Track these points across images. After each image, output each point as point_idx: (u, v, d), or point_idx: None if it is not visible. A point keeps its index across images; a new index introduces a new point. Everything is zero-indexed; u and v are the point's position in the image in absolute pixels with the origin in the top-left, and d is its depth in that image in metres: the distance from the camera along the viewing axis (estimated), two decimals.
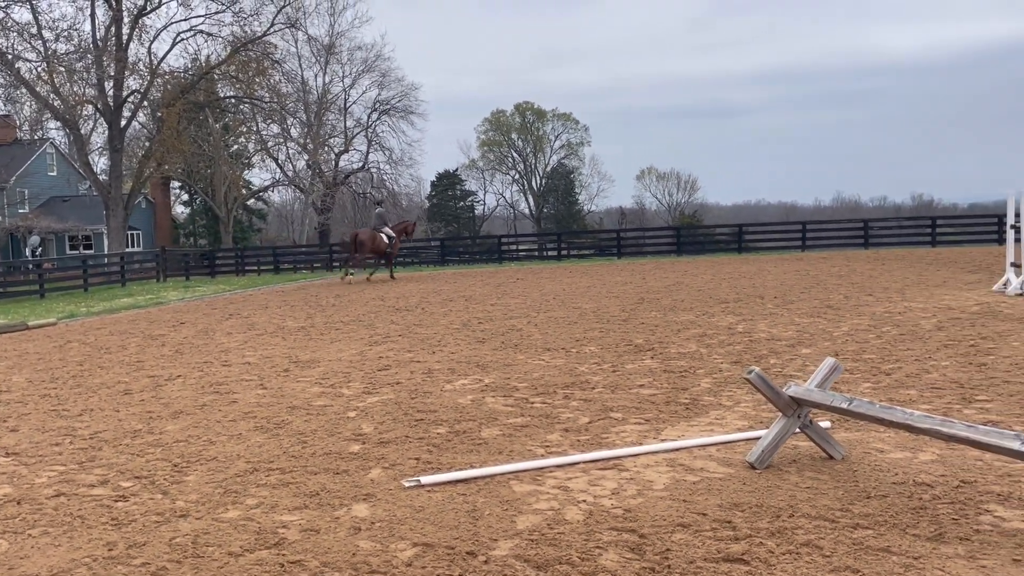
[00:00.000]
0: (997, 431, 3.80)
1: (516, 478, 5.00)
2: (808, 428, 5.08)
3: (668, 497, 4.57)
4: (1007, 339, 9.07)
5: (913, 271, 18.86)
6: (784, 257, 27.55)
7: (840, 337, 9.69)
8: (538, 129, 79.89)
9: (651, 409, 6.61)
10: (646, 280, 19.47)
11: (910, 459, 5.08)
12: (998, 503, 4.28)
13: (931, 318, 10.89)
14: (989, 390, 6.76)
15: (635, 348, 9.52)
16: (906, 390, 6.92)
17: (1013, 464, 4.81)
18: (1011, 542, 3.79)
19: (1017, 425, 5.67)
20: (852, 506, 4.33)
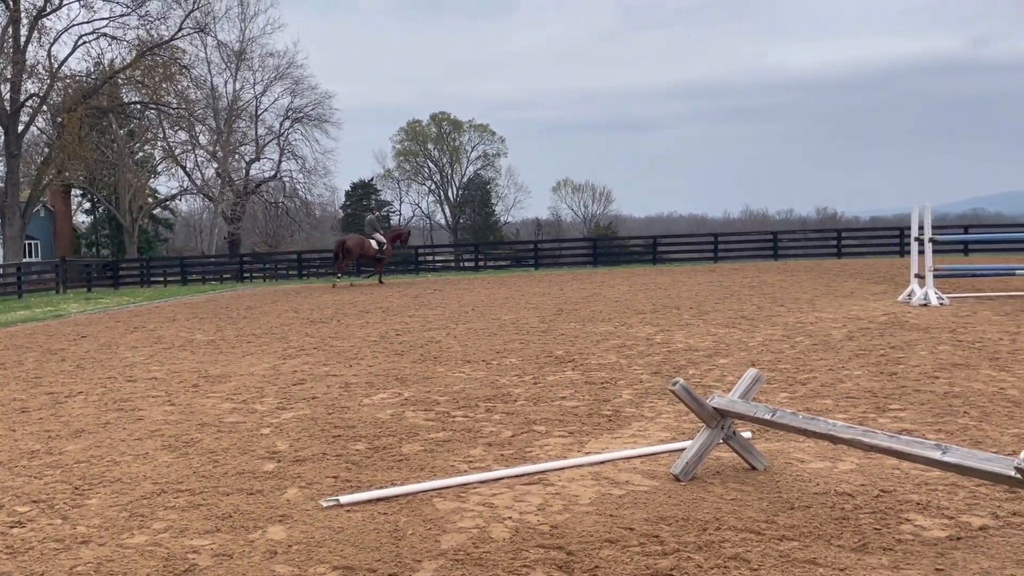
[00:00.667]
0: (919, 441, 3.84)
1: (439, 495, 4.87)
2: (731, 439, 5.09)
3: (595, 512, 4.50)
4: (915, 348, 9.34)
5: (822, 282, 19.38)
6: (697, 268, 28.05)
7: (755, 347, 9.83)
8: (455, 139, 79.83)
9: (574, 421, 6.55)
10: (564, 291, 19.53)
11: (830, 469, 5.12)
12: (917, 512, 4.33)
13: (842, 328, 11.16)
14: (901, 399, 6.91)
15: (556, 359, 9.48)
16: (822, 399, 7.02)
17: (928, 473, 4.89)
18: (932, 551, 3.83)
19: (930, 433, 5.80)
20: (777, 517, 4.33)
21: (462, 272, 34.19)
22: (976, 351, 9.03)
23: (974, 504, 4.40)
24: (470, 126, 79.91)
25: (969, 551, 3.81)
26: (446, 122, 79.84)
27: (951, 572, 3.60)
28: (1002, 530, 4.03)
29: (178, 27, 37.70)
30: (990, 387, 7.20)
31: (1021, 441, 5.52)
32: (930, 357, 8.77)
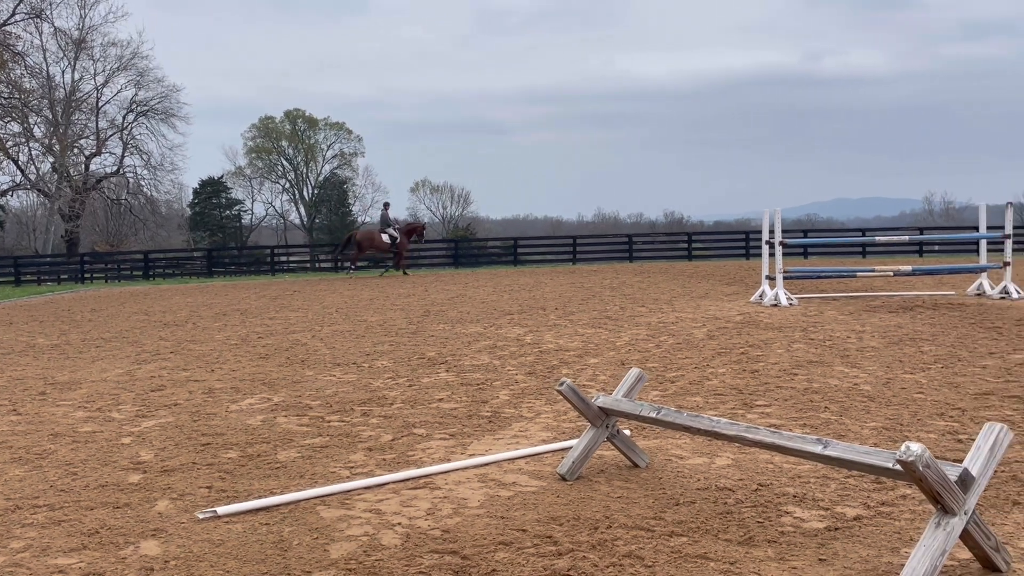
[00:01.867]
0: (800, 436, 3.99)
1: (323, 503, 4.70)
2: (615, 438, 5.15)
3: (485, 514, 4.45)
4: (771, 347, 9.77)
5: (677, 283, 20.06)
6: (557, 270, 28.50)
7: (623, 347, 10.05)
8: (310, 138, 78.14)
9: (454, 424, 6.49)
10: (428, 292, 19.42)
11: (708, 464, 5.27)
12: (795, 504, 4.51)
13: (702, 327, 11.56)
14: (766, 395, 7.21)
15: (429, 361, 9.38)
16: (692, 397, 7.24)
17: (800, 466, 5.11)
18: (813, 542, 3.98)
19: (797, 428, 6.06)
20: (664, 514, 4.40)
21: (320, 273, 33.46)
22: (828, 349, 9.54)
23: (846, 495, 4.61)
24: (326, 124, 78.44)
25: (847, 540, 3.98)
26: (301, 119, 78.06)
27: (833, 561, 3.75)
28: (875, 519, 4.24)
29: (11, 12, 35.23)
30: (845, 383, 7.61)
31: (879, 434, 5.85)
32: (787, 355, 9.20)
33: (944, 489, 3.30)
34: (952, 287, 16.98)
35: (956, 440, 5.60)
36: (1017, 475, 4.81)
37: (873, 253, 31.90)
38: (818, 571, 3.65)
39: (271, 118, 77.86)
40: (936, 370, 8.09)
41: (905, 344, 9.74)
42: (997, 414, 6.27)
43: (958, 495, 3.34)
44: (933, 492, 3.31)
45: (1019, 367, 8.12)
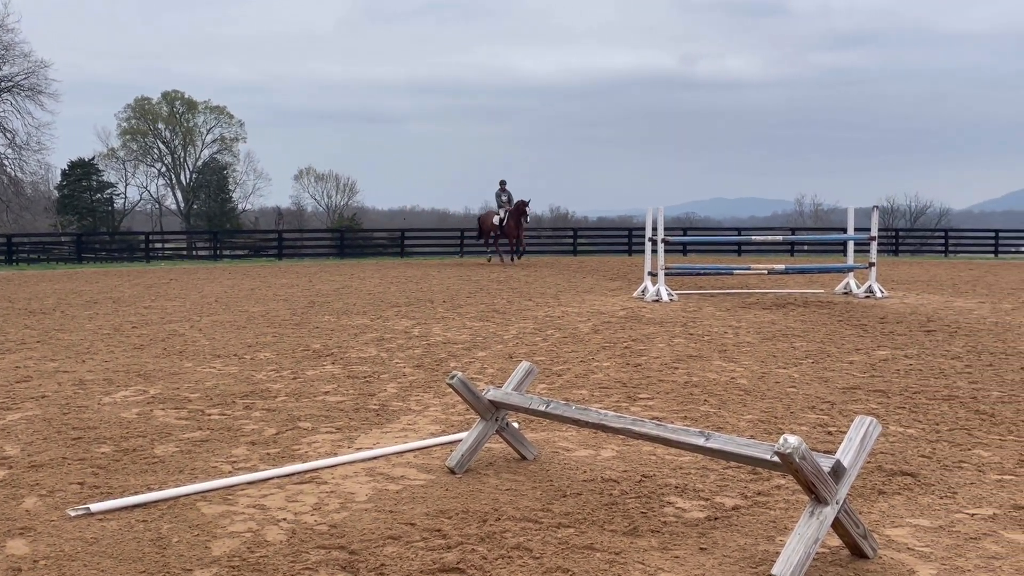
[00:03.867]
0: (684, 428, 4.10)
1: (204, 499, 4.55)
2: (505, 431, 5.18)
3: (373, 509, 4.41)
4: (654, 341, 10.02)
5: (562, 278, 20.33)
6: (445, 262, 28.46)
7: (511, 340, 10.12)
8: (188, 121, 75.44)
9: (341, 417, 6.40)
10: (313, 283, 19.07)
11: (594, 456, 5.36)
12: (677, 495, 4.64)
13: (587, 322, 11.76)
14: (648, 388, 7.39)
15: (314, 353, 9.22)
16: (578, 390, 7.35)
17: (681, 457, 5.26)
18: (695, 531, 4.11)
19: (678, 420, 6.23)
20: (552, 506, 4.46)
21: (198, 261, 32.39)
22: (706, 343, 9.85)
23: (724, 486, 4.77)
24: (206, 107, 75.90)
25: (726, 530, 4.12)
26: (179, 101, 75.29)
27: (713, 550, 3.88)
28: (752, 509, 4.41)
29: None
30: (723, 376, 7.87)
31: (755, 426, 6.08)
32: (668, 349, 9.45)
33: (818, 480, 3.46)
34: (822, 286, 17.81)
35: (826, 432, 5.88)
36: (883, 466, 5.08)
37: (748, 252, 33.11)
38: (699, 560, 3.77)
39: (147, 99, 74.85)
40: (807, 365, 8.47)
41: (779, 340, 10.16)
42: (863, 407, 6.61)
43: (831, 485, 3.50)
44: (808, 483, 3.46)
45: (883, 363, 8.58)
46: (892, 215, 62.22)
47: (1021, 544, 3.88)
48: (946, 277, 21.26)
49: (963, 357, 8.89)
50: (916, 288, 17.73)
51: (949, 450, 5.43)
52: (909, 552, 3.81)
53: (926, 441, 5.65)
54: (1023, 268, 26.07)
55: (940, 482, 4.79)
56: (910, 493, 4.62)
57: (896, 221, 60.94)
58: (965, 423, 6.12)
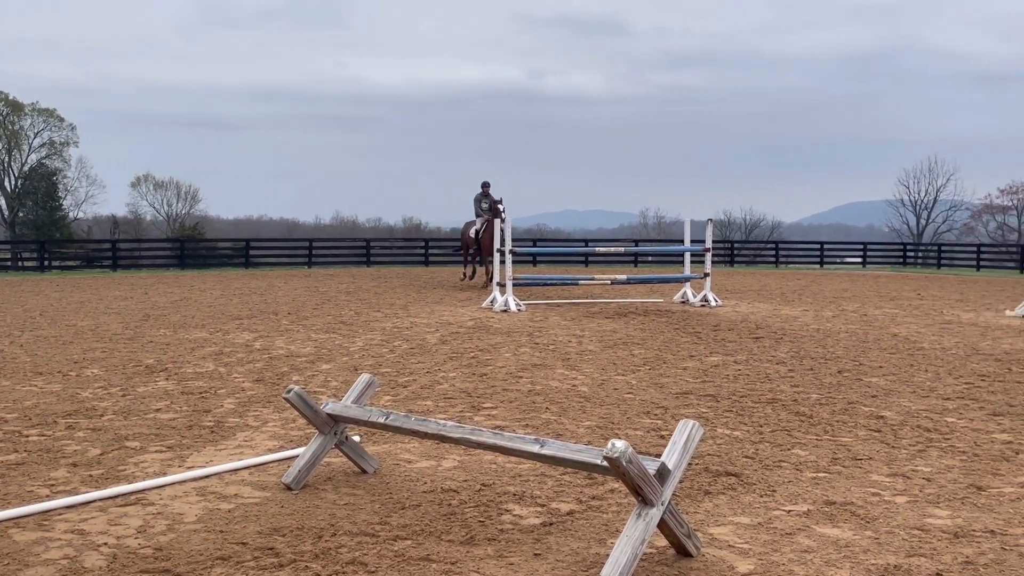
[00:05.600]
0: (520, 437, 4.17)
1: (17, 525, 4.26)
2: (344, 444, 5.11)
3: (203, 529, 4.25)
4: (500, 351, 10.13)
5: (413, 288, 20.26)
6: (292, 273, 27.81)
7: (357, 352, 9.99)
8: (14, 123, 70.67)
9: (172, 435, 6.13)
10: (149, 295, 18.23)
11: (435, 467, 5.37)
12: (515, 502, 4.70)
13: (435, 332, 11.76)
14: (492, 398, 7.46)
15: (146, 369, 8.81)
16: (423, 401, 7.34)
17: (521, 465, 5.33)
18: (530, 538, 4.17)
19: (520, 428, 6.32)
20: (390, 518, 4.43)
21: (23, 273, 30.35)
22: (551, 352, 10.04)
23: (561, 491, 4.87)
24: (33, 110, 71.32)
25: (560, 535, 4.21)
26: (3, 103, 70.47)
27: (547, 555, 3.95)
28: (586, 513, 4.52)
29: None
30: (564, 384, 8.04)
31: (593, 432, 6.24)
32: (514, 358, 9.58)
33: (644, 482, 3.59)
34: (661, 295, 18.49)
35: (660, 436, 6.10)
36: (709, 467, 5.32)
37: (595, 262, 33.98)
38: (532, 566, 3.83)
39: None
40: (645, 372, 8.77)
41: (619, 348, 10.47)
42: (694, 411, 6.90)
43: (657, 487, 3.64)
44: (635, 485, 3.59)
45: (714, 368, 8.99)
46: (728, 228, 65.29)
47: (831, 537, 4.15)
48: (776, 287, 22.50)
49: (787, 362, 9.43)
50: (748, 297, 18.67)
51: (771, 450, 5.74)
52: (730, 549, 4.00)
53: (750, 442, 5.95)
54: (845, 278, 27.93)
55: (761, 481, 5.06)
56: (733, 492, 4.85)
57: (732, 233, 63.99)
58: (786, 424, 6.49)
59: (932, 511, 4.52)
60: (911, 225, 64.25)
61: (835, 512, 4.50)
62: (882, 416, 6.77)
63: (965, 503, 4.66)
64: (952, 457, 5.58)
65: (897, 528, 4.26)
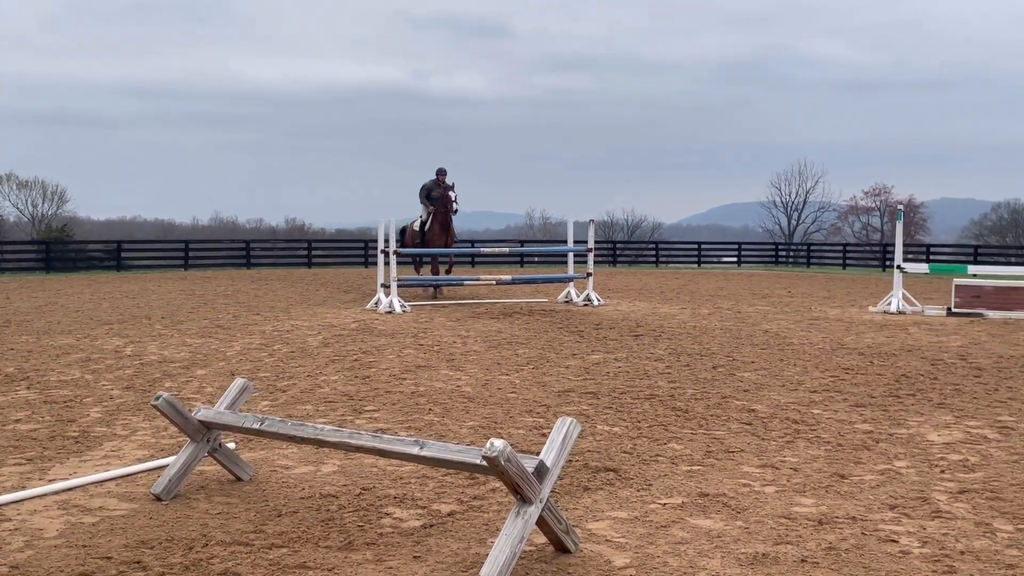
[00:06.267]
0: (400, 439, 4.13)
1: None
2: (217, 452, 4.95)
3: (64, 544, 4.04)
4: (384, 353, 10.03)
5: (295, 291, 19.86)
6: (167, 276, 26.84)
7: (234, 357, 9.71)
8: None
9: (33, 447, 5.81)
10: (11, 300, 17.26)
11: (314, 472, 5.26)
12: (395, 505, 4.65)
13: (317, 335, 11.55)
14: (375, 400, 7.37)
15: (6, 378, 8.32)
16: (303, 405, 7.19)
17: (403, 467, 5.29)
18: (410, 540, 4.14)
19: (402, 431, 6.27)
20: (265, 526, 4.31)
21: None
22: (435, 353, 10.01)
23: (442, 493, 4.85)
24: None
25: (441, 536, 4.19)
26: None
27: (426, 557, 3.93)
28: (467, 514, 4.51)
29: None
30: (448, 385, 8.03)
31: (476, 432, 6.25)
32: (397, 360, 9.50)
33: (523, 480, 3.60)
34: (546, 295, 18.68)
35: (541, 435, 6.15)
36: (589, 463, 5.40)
37: (481, 263, 34.08)
38: (412, 568, 3.80)
39: None
40: (528, 371, 8.84)
41: (503, 348, 10.53)
42: (575, 409, 6.99)
43: (535, 485, 3.66)
44: (513, 484, 3.60)
45: (595, 366, 9.14)
46: (611, 228, 66.56)
47: (704, 528, 4.27)
48: (655, 286, 23.07)
49: (665, 359, 9.68)
50: (629, 296, 19.08)
51: (648, 445, 5.87)
52: (607, 544, 4.07)
53: (628, 438, 6.07)
54: (721, 277, 28.88)
55: (638, 476, 5.16)
56: (612, 488, 4.94)
57: (615, 234, 65.25)
58: (663, 419, 6.65)
59: (798, 500, 4.71)
60: (783, 226, 66.98)
61: (708, 504, 4.63)
62: (753, 409, 7.02)
63: (829, 491, 4.87)
64: (818, 447, 5.84)
65: (766, 517, 4.41)
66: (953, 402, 7.36)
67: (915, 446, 5.88)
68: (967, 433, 6.26)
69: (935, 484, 5.00)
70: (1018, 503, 4.63)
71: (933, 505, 4.61)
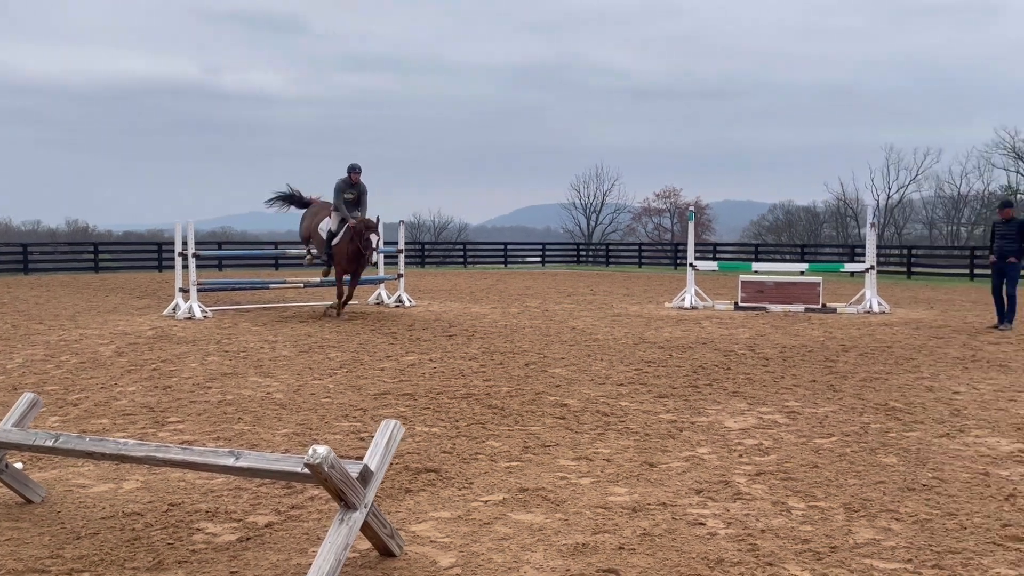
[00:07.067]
0: (212, 450, 3.93)
1: None
2: (4, 473, 4.53)
3: None
4: (185, 361, 9.54)
5: (82, 297, 18.53)
6: None
7: (15, 370, 8.93)
8: None
9: None
10: None
11: (115, 490, 4.92)
12: (207, 520, 4.43)
13: (110, 344, 10.82)
14: (179, 411, 6.99)
15: None
16: (98, 419, 6.71)
17: (213, 480, 5.05)
18: (226, 556, 3.95)
19: (211, 441, 5.98)
20: (63, 551, 3.99)
21: None
22: (242, 360, 9.62)
23: (258, 504, 4.67)
24: None
25: (259, 549, 4.03)
26: None
27: (244, 572, 3.76)
28: (286, 524, 4.36)
29: None
30: (258, 393, 7.74)
31: (291, 440, 6.06)
32: (201, 368, 9.06)
33: (347, 486, 3.53)
34: (356, 297, 18.42)
35: (359, 439, 6.05)
36: (409, 465, 5.36)
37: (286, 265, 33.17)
38: None
39: None
40: (342, 375, 8.68)
41: (315, 351, 10.28)
42: (393, 411, 6.93)
43: (360, 490, 3.59)
44: (337, 490, 3.52)
45: (411, 367, 9.10)
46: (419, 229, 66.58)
47: (525, 523, 4.34)
48: (465, 286, 23.30)
49: (479, 358, 9.78)
50: (440, 297, 19.16)
51: (467, 444, 5.91)
52: (432, 545, 4.06)
53: (448, 437, 6.09)
54: (527, 276, 29.57)
55: (459, 475, 5.18)
56: (433, 488, 4.93)
57: (422, 235, 65.33)
58: (480, 418, 6.72)
59: (613, 489, 4.89)
60: (583, 226, 69.49)
61: (528, 498, 4.72)
62: (566, 404, 7.22)
63: (640, 480, 5.09)
64: (627, 438, 6.08)
65: (584, 508, 4.55)
66: (746, 390, 7.89)
67: (715, 433, 6.25)
68: (760, 419, 6.72)
69: (735, 468, 5.33)
70: (808, 482, 5.02)
71: (734, 488, 4.91)
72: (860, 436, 6.12)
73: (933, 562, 3.80)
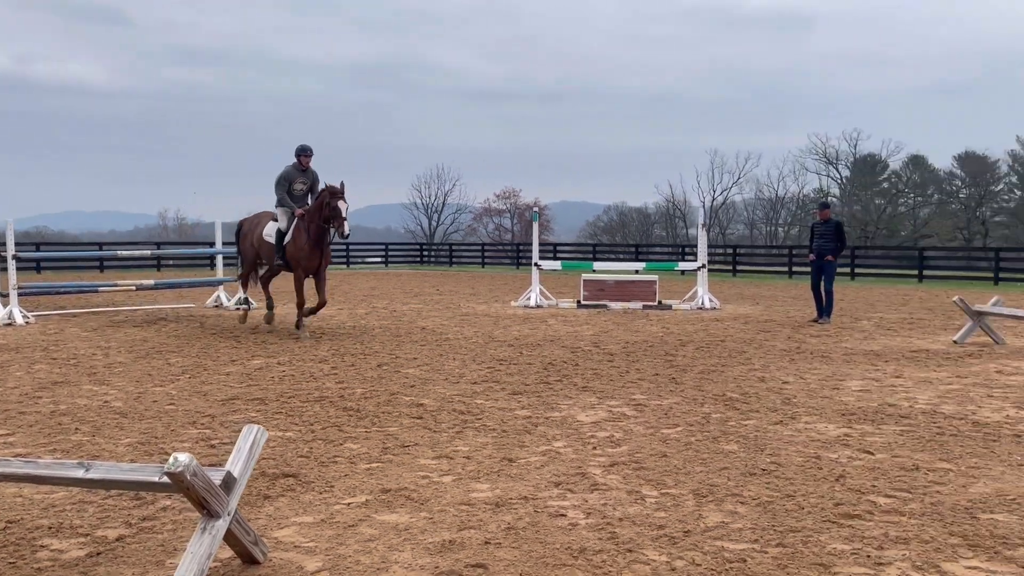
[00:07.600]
0: (59, 462, 3.71)
1: None
2: None
3: None
4: (10, 369, 8.91)
5: None
6: None
7: None
8: None
9: None
10: None
11: None
12: (51, 536, 4.18)
13: None
14: (7, 423, 6.54)
15: None
16: None
17: (54, 494, 4.76)
18: (75, 572, 3.75)
19: (45, 453, 5.63)
20: None
21: None
22: (73, 367, 9.09)
23: (106, 517, 4.45)
24: None
25: (111, 564, 3.85)
26: None
27: None
28: (138, 536, 4.18)
29: None
30: (95, 401, 7.34)
31: (136, 449, 5.79)
32: (28, 377, 8.49)
33: (210, 494, 3.42)
34: (192, 300, 17.72)
35: (209, 446, 5.85)
36: (266, 471, 5.24)
37: (112, 267, 31.46)
38: None
39: None
40: (185, 380, 8.34)
41: (153, 357, 9.83)
42: (244, 417, 6.74)
43: (223, 498, 3.50)
44: (200, 499, 3.41)
45: (258, 371, 8.86)
46: None
47: (390, 523, 4.34)
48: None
49: (329, 360, 9.64)
50: (284, 298, 18.66)
51: (324, 447, 5.83)
52: (296, 550, 3.99)
53: (303, 441, 5.98)
54: (372, 277, 29.28)
55: (319, 478, 5.11)
56: (293, 493, 4.84)
57: None
58: (336, 420, 6.63)
59: (475, 486, 4.96)
60: (424, 227, 69.48)
61: (391, 499, 4.72)
62: (422, 404, 7.24)
63: (501, 475, 5.18)
64: (485, 435, 6.17)
65: (448, 506, 4.59)
66: (594, 385, 8.15)
67: (568, 427, 6.44)
68: (609, 412, 6.97)
69: (590, 460, 5.52)
70: (659, 471, 5.26)
71: (591, 479, 5.08)
72: (703, 425, 6.46)
73: (777, 541, 4.08)
